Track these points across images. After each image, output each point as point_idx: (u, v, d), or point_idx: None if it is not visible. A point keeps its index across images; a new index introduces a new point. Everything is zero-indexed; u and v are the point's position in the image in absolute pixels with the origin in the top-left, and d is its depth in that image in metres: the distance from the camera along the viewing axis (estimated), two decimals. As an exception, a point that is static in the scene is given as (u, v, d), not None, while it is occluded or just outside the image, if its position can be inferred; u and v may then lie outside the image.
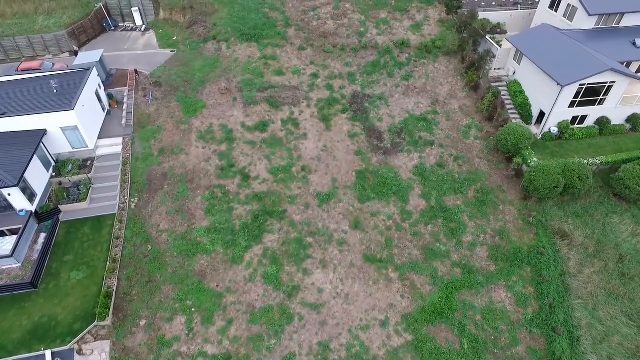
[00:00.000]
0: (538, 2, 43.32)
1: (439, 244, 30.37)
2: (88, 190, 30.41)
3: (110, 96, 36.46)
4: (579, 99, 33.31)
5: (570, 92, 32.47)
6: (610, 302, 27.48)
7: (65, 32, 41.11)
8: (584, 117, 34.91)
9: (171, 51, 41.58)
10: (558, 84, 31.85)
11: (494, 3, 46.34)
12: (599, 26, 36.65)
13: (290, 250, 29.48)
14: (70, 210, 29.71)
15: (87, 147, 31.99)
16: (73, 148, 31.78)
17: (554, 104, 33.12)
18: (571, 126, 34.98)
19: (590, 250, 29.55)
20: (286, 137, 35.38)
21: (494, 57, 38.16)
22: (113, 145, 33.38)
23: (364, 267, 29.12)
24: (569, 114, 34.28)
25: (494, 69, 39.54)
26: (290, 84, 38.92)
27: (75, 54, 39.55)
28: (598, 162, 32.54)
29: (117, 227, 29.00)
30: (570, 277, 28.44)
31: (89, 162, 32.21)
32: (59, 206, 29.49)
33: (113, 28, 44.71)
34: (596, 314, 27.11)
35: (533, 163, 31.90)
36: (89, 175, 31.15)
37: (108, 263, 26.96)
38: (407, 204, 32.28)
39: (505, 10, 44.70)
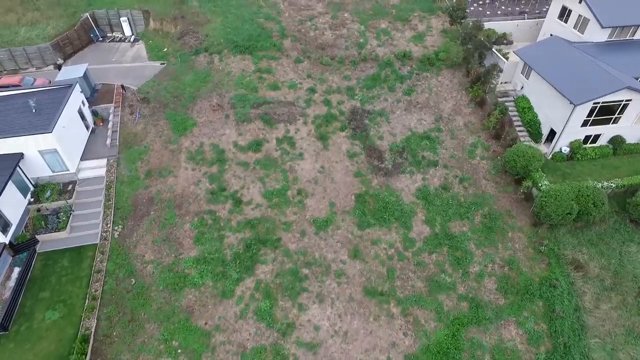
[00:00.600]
0: (546, 11, 41.39)
1: (444, 275, 28.36)
2: (68, 217, 28.37)
3: (95, 113, 34.42)
4: (592, 118, 31.29)
5: (583, 111, 30.48)
6: (631, 342, 25.48)
7: (49, 44, 39.05)
8: (597, 136, 32.91)
9: (161, 64, 39.55)
10: (571, 103, 29.82)
11: (499, 12, 44.39)
12: (612, 39, 34.66)
13: (285, 283, 27.45)
14: (48, 240, 27.66)
15: (68, 170, 29.94)
16: (53, 172, 29.73)
17: (565, 123, 31.12)
18: (583, 145, 32.96)
19: (607, 283, 27.55)
20: (281, 157, 33.35)
21: (500, 71, 36.16)
22: (97, 168, 31.33)
23: (363, 302, 27.09)
24: (582, 133, 32.28)
25: (501, 83, 37.53)
26: (285, 99, 36.89)
27: (59, 67, 37.47)
28: (613, 185, 30.55)
29: (98, 259, 26.96)
30: (586, 313, 26.44)
31: (70, 186, 30.16)
32: (36, 236, 27.44)
33: (101, 39, 42.68)
34: (615, 355, 25.10)
35: (544, 187, 29.90)
36: (70, 201, 29.11)
37: (87, 301, 24.91)
38: (410, 230, 30.28)
39: (512, 20, 42.76)
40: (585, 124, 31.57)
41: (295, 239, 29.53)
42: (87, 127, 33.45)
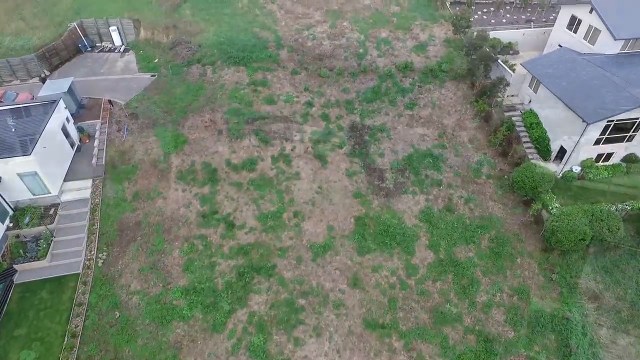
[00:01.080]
0: (553, 20, 39.70)
1: (449, 305, 26.62)
2: (49, 245, 26.63)
3: (80, 130, 32.70)
4: (605, 136, 29.57)
5: (596, 129, 28.76)
6: (650, 381, 23.81)
7: (34, 55, 37.30)
8: (610, 154, 31.19)
9: (151, 75, 37.83)
10: (583, 121, 28.11)
11: (504, 20, 42.69)
12: (625, 51, 32.91)
13: (280, 315, 25.71)
14: (27, 270, 25.92)
15: (49, 193, 28.22)
16: (34, 194, 28.03)
17: (577, 142, 29.40)
18: (595, 164, 31.25)
19: (624, 315, 25.82)
20: (277, 176, 31.61)
21: (507, 84, 34.41)
22: (81, 189, 29.63)
23: (364, 335, 25.35)
24: (594, 151, 30.56)
25: (507, 96, 35.79)
26: (281, 114, 35.16)
27: (43, 81, 35.71)
28: (628, 207, 28.82)
29: (80, 290, 25.26)
30: (602, 349, 24.71)
31: (52, 209, 28.45)
32: (13, 265, 25.71)
33: (89, 49, 40.95)
34: (634, 396, 23.43)
35: (555, 210, 28.20)
36: (51, 226, 27.37)
37: (66, 338, 23.17)
38: (413, 256, 28.55)
39: (517, 29, 41.05)
40: (598, 142, 29.85)
41: (291, 266, 27.80)
42: (72, 145, 31.73)
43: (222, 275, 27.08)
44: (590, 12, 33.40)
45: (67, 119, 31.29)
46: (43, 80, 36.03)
